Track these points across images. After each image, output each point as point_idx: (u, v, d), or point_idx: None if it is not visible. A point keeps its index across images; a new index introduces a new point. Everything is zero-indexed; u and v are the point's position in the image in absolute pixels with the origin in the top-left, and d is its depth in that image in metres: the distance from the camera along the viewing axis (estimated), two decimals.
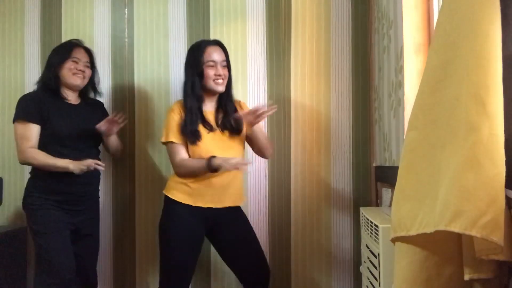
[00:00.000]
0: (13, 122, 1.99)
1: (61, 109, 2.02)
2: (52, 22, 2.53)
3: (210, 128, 1.92)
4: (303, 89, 2.41)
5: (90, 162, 1.90)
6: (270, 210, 2.41)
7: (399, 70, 1.76)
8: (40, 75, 2.12)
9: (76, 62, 2.03)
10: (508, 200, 0.88)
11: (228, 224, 1.99)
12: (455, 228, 0.85)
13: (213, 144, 1.91)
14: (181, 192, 1.91)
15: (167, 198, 1.95)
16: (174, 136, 1.91)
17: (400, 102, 1.75)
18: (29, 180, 2.04)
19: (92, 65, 2.12)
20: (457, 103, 0.92)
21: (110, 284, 2.47)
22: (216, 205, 1.93)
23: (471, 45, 0.88)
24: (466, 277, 0.93)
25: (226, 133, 1.96)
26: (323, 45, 2.40)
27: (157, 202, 2.45)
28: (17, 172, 2.46)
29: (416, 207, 1.01)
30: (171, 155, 1.95)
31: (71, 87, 2.05)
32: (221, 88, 1.95)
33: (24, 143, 1.95)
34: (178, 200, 1.90)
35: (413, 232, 1.00)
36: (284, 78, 2.42)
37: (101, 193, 2.21)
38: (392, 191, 1.41)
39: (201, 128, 1.91)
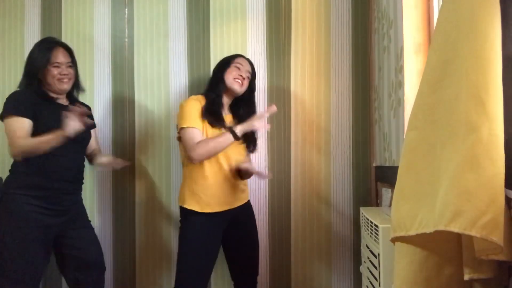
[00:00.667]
0: (2, 119, 1.86)
1: (55, 110, 1.90)
2: (52, 22, 2.53)
3: (222, 124, 1.93)
4: (303, 89, 2.41)
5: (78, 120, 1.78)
6: (270, 210, 2.41)
7: (399, 70, 1.76)
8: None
9: (58, 67, 1.91)
10: (508, 200, 0.88)
11: (239, 223, 2.01)
12: (455, 228, 0.85)
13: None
14: (196, 202, 1.89)
15: (185, 210, 1.92)
16: (195, 122, 1.88)
17: (400, 102, 1.75)
18: (8, 177, 1.90)
19: (73, 62, 1.99)
20: (456, 103, 0.92)
21: (110, 284, 2.47)
22: (232, 206, 1.95)
23: (471, 45, 0.88)
24: (466, 277, 0.93)
25: None
26: (323, 45, 2.40)
27: (157, 203, 2.45)
28: None
29: (416, 207, 1.01)
30: (188, 140, 1.86)
31: (58, 92, 1.96)
32: (237, 87, 1.96)
33: (17, 134, 1.81)
34: (197, 210, 1.88)
35: (412, 232, 1.00)
36: (284, 78, 2.41)
37: (101, 194, 2.18)
38: (392, 191, 1.41)
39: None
